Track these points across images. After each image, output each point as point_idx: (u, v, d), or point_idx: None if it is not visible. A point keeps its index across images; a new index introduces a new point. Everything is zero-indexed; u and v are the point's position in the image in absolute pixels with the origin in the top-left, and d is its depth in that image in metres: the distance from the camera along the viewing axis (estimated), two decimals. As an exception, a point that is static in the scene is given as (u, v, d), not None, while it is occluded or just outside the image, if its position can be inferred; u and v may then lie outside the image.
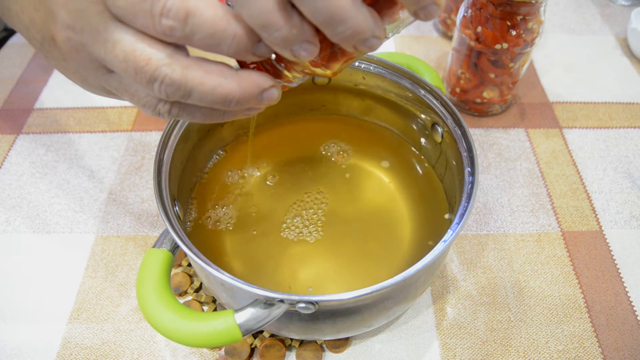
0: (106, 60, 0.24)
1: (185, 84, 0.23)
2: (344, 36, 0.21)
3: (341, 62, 0.26)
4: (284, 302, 0.30)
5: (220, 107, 0.25)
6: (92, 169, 0.51)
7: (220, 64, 0.24)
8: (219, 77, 0.23)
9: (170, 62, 0.23)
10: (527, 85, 0.61)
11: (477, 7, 0.48)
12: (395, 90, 0.43)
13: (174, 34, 0.22)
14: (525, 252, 0.45)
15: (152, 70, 0.22)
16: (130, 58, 0.23)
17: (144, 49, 0.22)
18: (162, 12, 0.21)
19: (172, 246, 0.34)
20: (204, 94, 0.23)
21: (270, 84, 0.25)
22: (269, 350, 0.39)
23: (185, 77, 0.23)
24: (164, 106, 0.25)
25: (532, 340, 0.40)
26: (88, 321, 0.41)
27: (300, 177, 0.45)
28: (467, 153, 0.37)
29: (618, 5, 0.73)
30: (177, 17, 0.21)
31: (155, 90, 0.23)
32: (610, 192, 0.50)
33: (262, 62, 0.26)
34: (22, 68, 0.62)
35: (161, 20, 0.21)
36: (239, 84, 0.24)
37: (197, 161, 0.44)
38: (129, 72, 0.23)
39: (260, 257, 0.40)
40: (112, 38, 0.23)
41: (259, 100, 0.25)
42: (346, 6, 0.20)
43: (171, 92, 0.23)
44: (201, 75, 0.23)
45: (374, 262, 0.40)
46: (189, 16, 0.21)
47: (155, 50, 0.22)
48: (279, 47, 0.22)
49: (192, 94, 0.23)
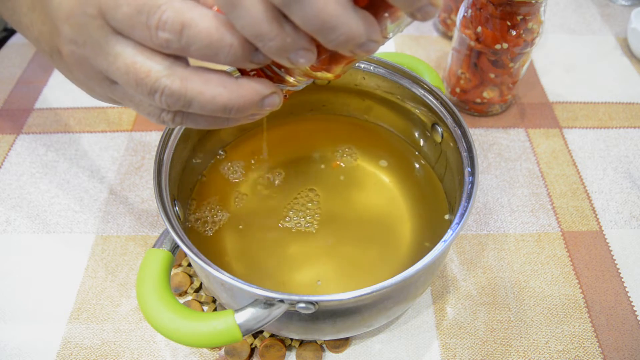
0: (109, 73, 0.24)
1: (184, 94, 0.23)
2: (338, 43, 0.21)
3: (342, 65, 0.26)
4: (284, 302, 0.30)
5: (222, 115, 0.25)
6: (92, 169, 0.51)
7: (220, 73, 0.24)
8: (218, 86, 0.23)
9: (169, 74, 0.23)
10: (527, 85, 0.61)
11: (477, 7, 0.48)
12: (395, 90, 0.43)
13: (170, 46, 0.22)
14: (525, 252, 0.45)
15: (152, 82, 0.23)
16: (131, 70, 0.23)
17: (144, 61, 0.23)
18: (158, 25, 0.22)
19: (172, 246, 0.34)
20: (204, 104, 0.24)
21: (270, 91, 0.25)
22: (269, 350, 0.39)
23: (185, 87, 0.23)
24: (167, 115, 0.25)
25: (532, 340, 0.40)
26: (88, 321, 0.41)
27: (300, 177, 0.45)
28: (467, 153, 0.37)
29: (618, 5, 0.73)
30: (173, 30, 0.22)
31: (157, 101, 0.24)
32: (610, 192, 0.50)
33: (263, 68, 0.26)
34: (22, 68, 0.62)
35: (158, 33, 0.22)
36: (238, 92, 0.24)
37: (197, 161, 0.44)
38: (130, 84, 0.23)
39: (261, 257, 0.40)
40: (113, 51, 0.23)
41: (260, 107, 0.25)
42: (337, 13, 0.20)
43: (172, 102, 0.24)
44: (200, 85, 0.23)
45: (374, 262, 0.40)
46: (184, 28, 0.21)
47: (154, 62, 0.23)
48: (275, 56, 0.22)
49: (192, 103, 0.24)
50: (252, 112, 0.25)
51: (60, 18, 0.24)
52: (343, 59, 0.25)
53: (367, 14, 0.21)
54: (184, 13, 0.21)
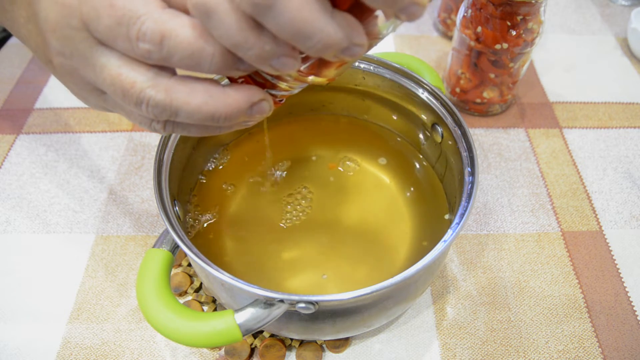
0: (97, 84, 0.24)
1: (170, 104, 0.23)
2: (317, 50, 0.20)
3: (333, 69, 0.25)
4: (284, 302, 0.30)
5: (210, 124, 0.24)
6: (92, 169, 0.51)
7: (206, 82, 0.24)
8: (204, 95, 0.23)
9: (154, 84, 0.23)
10: (527, 85, 0.61)
11: (477, 7, 0.48)
12: (395, 90, 0.43)
13: (152, 57, 0.22)
14: (525, 252, 0.45)
15: (138, 93, 0.23)
16: (117, 82, 0.23)
17: (128, 72, 0.23)
18: (138, 37, 0.21)
19: (172, 246, 0.34)
20: (191, 113, 0.23)
21: (258, 98, 0.24)
22: (269, 350, 0.39)
23: (170, 98, 0.23)
24: (157, 124, 0.25)
25: (532, 340, 0.40)
26: (88, 321, 0.41)
27: (300, 177, 0.45)
28: (467, 153, 0.37)
29: (618, 5, 0.73)
30: (153, 41, 0.21)
31: (144, 111, 0.23)
32: (610, 192, 0.50)
33: (253, 74, 0.25)
34: (22, 68, 0.62)
35: (138, 44, 0.22)
36: (225, 101, 0.23)
37: (197, 161, 0.44)
38: (117, 95, 0.23)
39: (261, 257, 0.40)
40: (99, 62, 0.23)
41: (249, 115, 0.25)
42: (312, 19, 0.19)
43: (158, 112, 0.23)
44: (186, 95, 0.23)
45: (374, 262, 0.40)
46: (164, 39, 0.21)
47: (138, 73, 0.23)
48: (257, 64, 0.22)
49: (178, 113, 0.23)
50: (241, 120, 0.25)
51: (47, 30, 0.24)
52: (332, 63, 0.24)
53: (348, 17, 0.20)
54: (163, 23, 0.21)
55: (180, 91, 0.23)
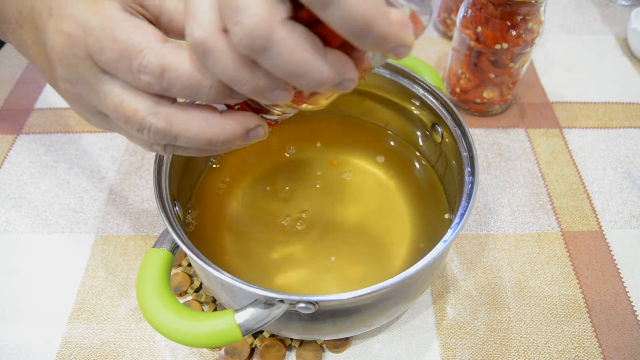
0: (101, 108, 0.25)
1: (169, 131, 0.24)
2: (310, 87, 0.21)
3: (325, 97, 0.26)
4: (284, 302, 0.30)
5: (208, 148, 0.26)
6: (92, 169, 0.51)
7: (204, 108, 0.25)
8: (202, 122, 0.24)
9: (154, 112, 0.24)
10: (527, 85, 0.61)
11: (477, 7, 0.48)
12: (395, 90, 0.43)
13: (152, 88, 0.23)
14: (525, 252, 0.45)
15: (139, 120, 0.24)
16: (120, 109, 0.24)
17: (130, 100, 0.24)
18: (139, 69, 0.23)
19: (172, 246, 0.34)
20: (190, 139, 0.25)
21: (254, 124, 0.26)
22: (269, 350, 0.39)
23: (170, 124, 0.24)
24: (158, 147, 0.27)
25: (532, 340, 0.40)
26: (88, 321, 0.41)
27: (300, 176, 0.45)
28: (467, 153, 0.37)
29: (618, 5, 0.73)
30: (154, 73, 0.23)
31: (145, 136, 0.25)
32: (610, 192, 0.50)
33: (248, 100, 0.26)
34: (22, 68, 0.62)
35: (140, 76, 0.23)
36: (222, 128, 0.25)
37: (197, 161, 0.44)
38: (120, 120, 0.25)
39: (261, 257, 0.40)
40: (103, 90, 0.24)
41: (245, 139, 0.26)
42: (305, 60, 0.20)
43: (159, 138, 0.25)
44: (184, 122, 0.24)
45: (374, 262, 0.40)
46: (164, 72, 0.23)
47: (140, 102, 0.24)
48: (252, 96, 0.23)
49: (178, 138, 0.25)
50: (238, 144, 0.26)
51: (54, 59, 0.25)
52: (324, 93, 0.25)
53: (339, 55, 0.21)
54: (164, 57, 0.22)
55: (180, 118, 0.24)
